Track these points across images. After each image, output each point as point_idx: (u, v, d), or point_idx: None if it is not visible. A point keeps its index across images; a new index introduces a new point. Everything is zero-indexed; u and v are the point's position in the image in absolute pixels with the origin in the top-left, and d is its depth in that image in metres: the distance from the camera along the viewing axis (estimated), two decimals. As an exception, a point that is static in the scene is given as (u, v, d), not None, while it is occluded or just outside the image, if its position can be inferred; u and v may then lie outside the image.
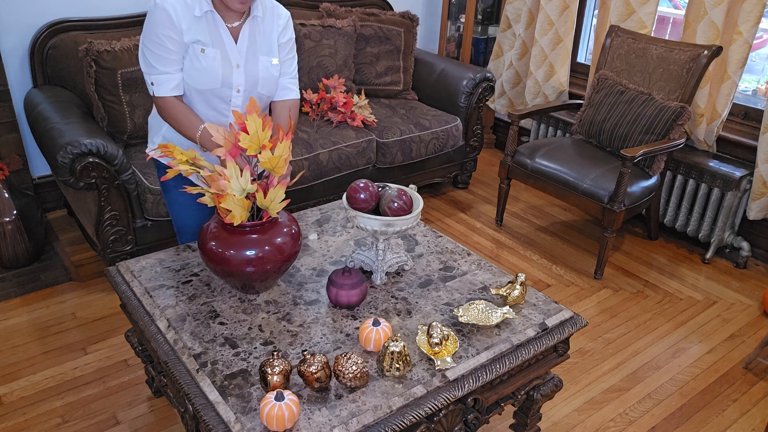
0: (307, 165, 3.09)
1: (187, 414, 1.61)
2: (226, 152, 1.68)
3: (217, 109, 1.99)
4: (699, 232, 3.28)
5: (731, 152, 3.27)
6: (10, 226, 2.79)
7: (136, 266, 1.97)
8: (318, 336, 1.70)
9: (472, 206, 3.75)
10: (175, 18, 1.81)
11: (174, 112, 1.90)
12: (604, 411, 2.29)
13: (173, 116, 1.91)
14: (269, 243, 1.73)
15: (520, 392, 1.84)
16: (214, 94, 1.95)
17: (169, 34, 1.82)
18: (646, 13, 3.33)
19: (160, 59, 1.85)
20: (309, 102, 3.42)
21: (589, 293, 2.97)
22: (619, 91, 3.16)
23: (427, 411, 1.52)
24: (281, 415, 1.37)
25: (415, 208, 1.83)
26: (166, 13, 1.80)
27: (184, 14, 1.83)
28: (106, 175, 2.54)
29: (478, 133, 3.77)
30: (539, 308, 1.86)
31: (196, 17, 1.84)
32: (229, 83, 1.94)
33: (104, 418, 2.16)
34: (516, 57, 4.06)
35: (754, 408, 2.35)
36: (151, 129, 2.13)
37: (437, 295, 1.90)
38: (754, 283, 3.12)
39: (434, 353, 1.60)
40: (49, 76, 3.06)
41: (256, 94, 2.00)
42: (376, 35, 3.67)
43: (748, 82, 3.51)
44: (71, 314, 2.65)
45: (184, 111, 1.91)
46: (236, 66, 1.93)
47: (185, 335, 1.68)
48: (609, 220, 2.92)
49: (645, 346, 2.63)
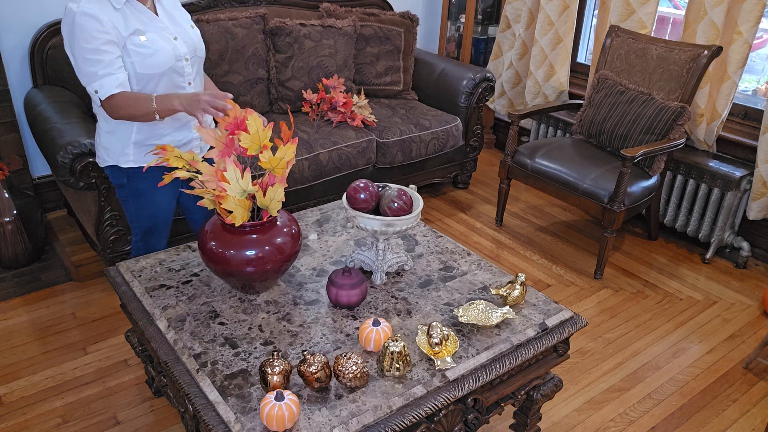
0: (307, 165, 3.09)
1: (187, 414, 1.61)
2: (219, 153, 1.69)
3: (177, 84, 2.03)
4: (699, 232, 3.28)
5: (731, 152, 3.27)
6: (10, 226, 2.79)
7: (136, 266, 1.97)
8: (318, 336, 1.70)
9: (472, 206, 3.75)
10: (103, 18, 1.83)
11: (126, 101, 1.88)
12: (604, 411, 2.29)
13: (127, 106, 1.88)
14: (269, 243, 1.73)
15: (520, 392, 1.84)
16: (172, 71, 1.98)
17: (102, 36, 1.83)
18: (646, 13, 3.33)
19: (98, 63, 1.85)
20: (309, 102, 3.42)
21: (589, 293, 2.97)
22: (619, 91, 3.16)
23: (427, 411, 1.52)
24: (281, 415, 1.37)
25: (415, 208, 1.83)
26: (91, 17, 1.81)
27: (105, 12, 1.84)
28: (105, 175, 2.54)
29: (478, 133, 3.77)
30: (539, 308, 1.86)
31: (117, 9, 1.87)
32: (179, 56, 1.99)
33: (104, 418, 2.16)
34: (516, 57, 4.06)
35: (754, 408, 2.35)
36: (112, 147, 2.05)
37: (437, 295, 1.90)
38: (754, 283, 3.12)
39: (434, 353, 1.60)
40: (49, 76, 3.06)
41: (198, 59, 2.08)
42: (376, 35, 3.67)
43: (748, 82, 3.51)
44: (71, 314, 2.65)
45: (133, 95, 1.89)
46: (174, 38, 1.99)
47: (185, 335, 1.68)
48: (609, 220, 2.92)
49: (645, 346, 2.63)
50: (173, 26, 2.01)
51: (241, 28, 3.25)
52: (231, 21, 3.23)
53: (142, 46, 1.90)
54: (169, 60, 1.95)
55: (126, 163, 2.06)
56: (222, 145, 1.70)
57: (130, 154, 2.04)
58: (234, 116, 1.68)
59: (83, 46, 1.82)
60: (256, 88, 3.37)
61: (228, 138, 1.70)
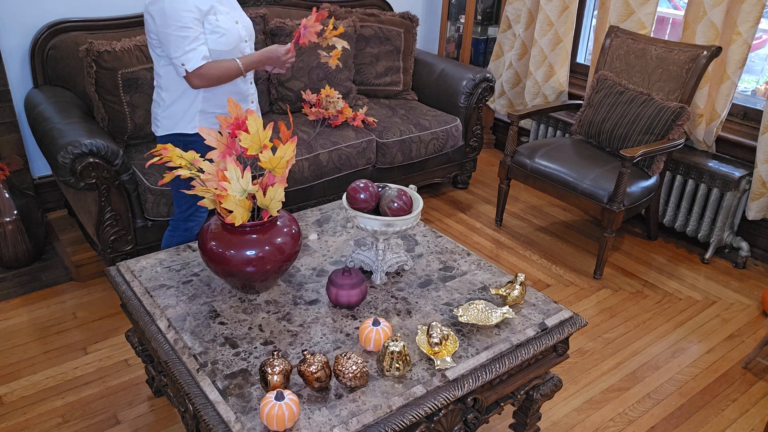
0: (307, 165, 3.09)
1: (188, 414, 1.61)
2: (220, 153, 1.70)
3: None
4: (698, 232, 3.29)
5: (730, 152, 3.28)
6: (10, 226, 2.79)
7: (136, 266, 1.97)
8: (318, 336, 1.71)
9: (471, 206, 3.75)
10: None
11: (212, 70, 2.11)
12: (604, 411, 2.30)
13: (214, 74, 2.12)
14: (269, 243, 1.74)
15: (519, 392, 1.84)
16: (237, 50, 2.20)
17: (189, 15, 2.04)
18: (646, 13, 3.34)
19: (185, 40, 2.05)
20: (308, 103, 3.42)
21: (588, 293, 2.97)
22: (619, 92, 3.16)
23: (426, 411, 1.52)
24: (281, 414, 1.37)
25: (415, 208, 1.84)
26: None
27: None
28: (106, 176, 2.55)
29: (477, 133, 3.77)
30: (539, 308, 1.87)
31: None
32: (241, 37, 2.22)
33: (104, 417, 2.16)
34: (515, 57, 4.07)
35: (753, 408, 2.35)
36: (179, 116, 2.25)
37: (437, 295, 1.90)
38: (753, 283, 3.13)
39: (434, 353, 1.60)
40: (50, 77, 3.07)
41: (252, 43, 2.33)
42: (376, 36, 3.67)
43: (747, 83, 3.52)
44: (71, 314, 2.66)
45: (217, 63, 2.13)
46: (236, 22, 2.21)
47: (185, 335, 1.68)
48: (608, 220, 2.92)
49: (644, 345, 2.64)
50: (234, 11, 2.23)
51: (241, 29, 3.25)
52: (231, 21, 3.23)
53: (216, 25, 2.12)
54: (236, 40, 2.18)
55: (192, 129, 2.25)
56: (222, 146, 1.70)
57: (196, 120, 2.25)
58: (235, 116, 1.69)
59: (172, 24, 2.04)
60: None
61: (228, 138, 1.70)
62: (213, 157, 1.72)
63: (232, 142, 1.70)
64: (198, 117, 2.25)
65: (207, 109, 2.25)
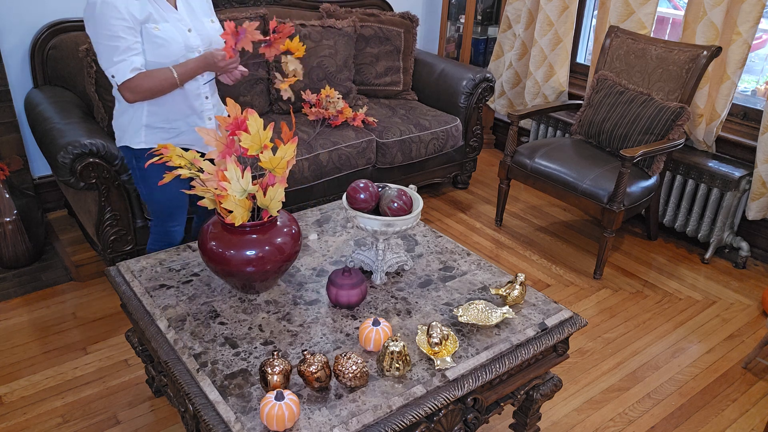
0: (307, 165, 3.09)
1: (188, 414, 1.61)
2: (219, 153, 1.70)
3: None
4: (698, 232, 3.29)
5: (730, 152, 3.28)
6: (10, 226, 2.79)
7: (136, 266, 1.97)
8: (318, 336, 1.71)
9: (471, 206, 3.75)
10: (120, 6, 1.91)
11: (144, 82, 1.97)
12: (604, 411, 2.30)
13: (146, 86, 1.98)
14: (269, 243, 1.74)
15: (519, 392, 1.84)
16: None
17: (121, 24, 1.91)
18: (646, 13, 3.34)
19: (116, 50, 1.93)
20: (308, 103, 3.42)
21: (588, 293, 2.97)
22: (619, 92, 3.16)
23: (426, 411, 1.52)
24: (281, 414, 1.37)
25: (415, 208, 1.84)
26: (110, 5, 1.89)
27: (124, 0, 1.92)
28: (106, 176, 2.55)
29: (477, 133, 3.77)
30: (539, 308, 1.87)
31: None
32: (190, 47, 2.06)
33: (104, 417, 2.16)
34: (515, 57, 4.07)
35: (753, 408, 2.35)
36: (125, 128, 2.14)
37: (437, 295, 1.90)
38: (753, 283, 3.13)
39: (434, 353, 1.60)
40: (50, 77, 3.07)
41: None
42: (376, 36, 3.67)
43: (747, 83, 3.52)
44: (71, 314, 2.66)
45: (151, 73, 1.99)
46: (188, 30, 2.07)
47: (185, 335, 1.68)
48: (608, 220, 2.92)
49: (644, 345, 2.64)
50: (190, 18, 2.09)
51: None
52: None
53: (154, 36, 1.98)
54: (180, 51, 2.03)
55: (138, 144, 2.14)
56: (222, 146, 1.70)
57: (141, 135, 2.12)
58: (234, 116, 1.69)
59: (102, 33, 1.92)
60: (256, 89, 3.37)
61: (228, 138, 1.70)
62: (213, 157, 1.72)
63: (232, 142, 1.70)
64: (144, 132, 2.12)
65: (154, 124, 2.12)
